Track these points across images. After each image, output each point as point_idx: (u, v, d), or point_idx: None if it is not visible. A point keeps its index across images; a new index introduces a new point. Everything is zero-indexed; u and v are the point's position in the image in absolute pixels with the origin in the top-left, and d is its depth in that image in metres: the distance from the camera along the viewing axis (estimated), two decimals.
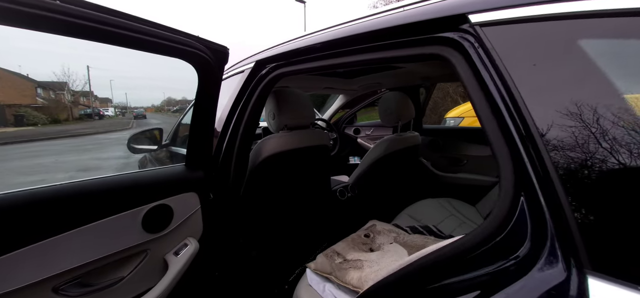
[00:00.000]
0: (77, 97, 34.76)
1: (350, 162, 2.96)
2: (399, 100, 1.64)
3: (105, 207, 0.71)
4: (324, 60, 0.82)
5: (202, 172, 0.94)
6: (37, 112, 21.99)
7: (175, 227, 0.86)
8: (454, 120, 3.34)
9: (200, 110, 0.85)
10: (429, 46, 0.57)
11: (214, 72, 0.80)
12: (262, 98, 1.05)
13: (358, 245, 1.12)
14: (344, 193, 1.64)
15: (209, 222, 0.97)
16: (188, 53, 0.71)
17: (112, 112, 46.59)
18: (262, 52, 1.11)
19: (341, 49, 0.75)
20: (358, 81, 1.98)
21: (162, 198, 0.82)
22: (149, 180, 0.81)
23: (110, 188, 0.73)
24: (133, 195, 0.76)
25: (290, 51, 0.95)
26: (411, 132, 1.78)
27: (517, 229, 0.40)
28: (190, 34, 0.72)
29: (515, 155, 0.41)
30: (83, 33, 0.55)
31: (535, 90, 0.39)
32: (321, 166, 1.47)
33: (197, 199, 0.92)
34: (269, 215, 1.31)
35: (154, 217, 0.80)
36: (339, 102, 2.66)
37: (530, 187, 0.39)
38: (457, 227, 1.52)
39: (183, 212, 0.87)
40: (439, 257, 0.48)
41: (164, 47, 0.67)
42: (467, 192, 1.83)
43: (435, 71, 1.45)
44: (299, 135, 1.26)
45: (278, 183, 1.28)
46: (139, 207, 0.77)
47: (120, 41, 0.61)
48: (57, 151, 9.22)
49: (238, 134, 1.05)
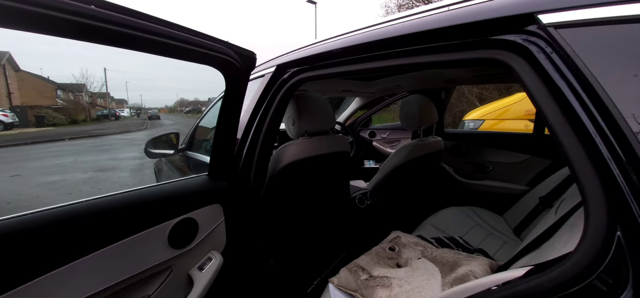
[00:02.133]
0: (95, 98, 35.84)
1: (365, 166, 2.89)
2: (421, 103, 1.57)
3: (131, 223, 0.67)
4: (354, 64, 0.76)
5: (226, 182, 0.90)
6: (57, 113, 22.77)
7: (200, 240, 0.82)
8: (473, 123, 3.21)
9: (226, 118, 0.81)
10: (482, 50, 0.50)
11: (242, 79, 0.76)
12: (283, 103, 1.01)
13: (383, 260, 1.06)
14: (363, 201, 1.58)
15: (232, 233, 0.93)
16: (217, 59, 0.67)
17: (128, 113, 47.86)
18: (284, 55, 1.07)
19: (376, 53, 0.69)
20: (377, 84, 1.91)
21: (187, 211, 0.78)
22: (174, 193, 0.77)
23: (136, 202, 0.69)
24: (159, 209, 0.72)
25: (315, 55, 0.90)
26: (434, 137, 1.70)
27: (613, 271, 0.33)
28: (219, 39, 0.68)
29: (606, 178, 0.34)
30: (110, 38, 0.51)
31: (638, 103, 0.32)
32: (341, 173, 1.41)
33: (221, 211, 0.88)
34: (287, 222, 1.26)
35: (180, 232, 0.76)
36: (355, 105, 2.60)
37: (630, 218, 0.32)
38: (485, 238, 1.43)
39: (208, 225, 0.83)
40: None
41: (192, 53, 0.62)
42: (492, 201, 1.74)
43: (462, 74, 1.37)
44: (319, 141, 1.21)
45: (297, 190, 1.23)
46: (166, 222, 0.73)
47: (147, 46, 0.57)
48: (76, 151, 9.48)
49: (259, 140, 1.01)
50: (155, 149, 1.62)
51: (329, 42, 0.88)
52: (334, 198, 1.43)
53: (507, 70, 0.48)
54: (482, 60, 0.51)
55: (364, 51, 0.73)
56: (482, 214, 1.63)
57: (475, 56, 0.51)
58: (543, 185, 1.49)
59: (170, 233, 0.73)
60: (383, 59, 0.68)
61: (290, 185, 1.19)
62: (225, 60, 0.67)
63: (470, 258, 1.01)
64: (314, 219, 1.36)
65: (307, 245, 1.36)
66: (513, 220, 1.57)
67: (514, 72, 0.46)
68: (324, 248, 1.44)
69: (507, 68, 0.48)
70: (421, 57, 0.60)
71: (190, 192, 0.79)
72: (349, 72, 0.78)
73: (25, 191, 4.77)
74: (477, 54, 0.51)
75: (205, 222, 0.82)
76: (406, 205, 1.74)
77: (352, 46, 0.76)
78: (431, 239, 1.31)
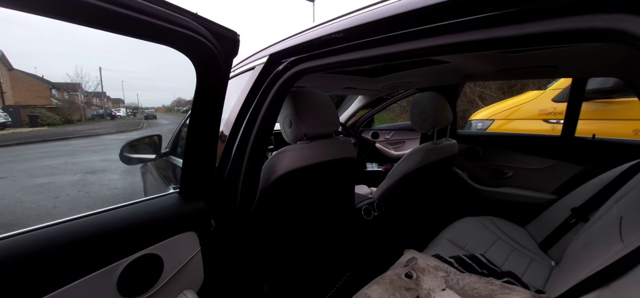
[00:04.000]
0: (90, 97, 35.37)
1: (367, 169, 2.70)
2: (435, 102, 1.39)
3: (58, 272, 0.48)
4: (368, 49, 0.57)
5: (203, 202, 0.71)
6: (51, 112, 22.42)
7: (165, 281, 0.62)
8: (482, 123, 3.03)
9: (200, 122, 0.62)
10: (587, 16, 0.32)
11: (219, 68, 0.56)
12: (277, 101, 0.82)
13: (399, 291, 0.87)
14: (370, 212, 1.39)
15: (210, 265, 0.73)
16: (180, 38, 0.47)
17: (124, 113, 47.29)
18: (277, 43, 0.88)
19: (406, 30, 0.50)
20: (383, 80, 1.72)
21: (146, 246, 0.58)
22: (128, 221, 0.58)
23: (67, 241, 0.49)
24: (103, 247, 0.53)
25: (315, 40, 0.71)
26: (448, 139, 1.52)
27: None
28: (186, 10, 0.48)
29: None
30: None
31: None
32: (346, 182, 1.23)
33: (196, 240, 0.69)
34: (283, 241, 1.08)
35: (135, 274, 0.57)
36: (357, 104, 2.41)
37: None
38: (509, 255, 1.25)
39: (177, 261, 0.64)
40: None
41: (143, 26, 0.43)
42: (512, 210, 1.56)
43: (484, 68, 1.19)
44: (321, 146, 1.03)
45: (295, 204, 1.04)
46: (113, 263, 0.54)
47: (75, 15, 0.38)
48: (69, 152, 9.24)
49: (247, 147, 0.82)
50: (133, 154, 1.42)
51: (332, 23, 0.69)
52: (337, 211, 1.24)
53: (622, 43, 0.30)
54: (582, 34, 0.32)
55: (385, 30, 0.54)
56: (503, 226, 1.45)
57: (572, 26, 0.33)
58: (574, 195, 1.31)
59: (121, 278, 0.54)
60: (411, 39, 0.50)
61: (286, 199, 1.00)
62: (193, 41, 0.47)
63: (507, 290, 0.83)
64: (314, 237, 1.17)
65: (306, 266, 1.18)
66: (538, 233, 1.39)
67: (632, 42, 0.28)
68: (325, 268, 1.26)
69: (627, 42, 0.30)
70: (473, 33, 0.41)
71: (152, 220, 0.60)
72: (361, 59, 0.60)
73: (9, 195, 4.55)
74: (575, 22, 0.33)
75: (174, 257, 0.62)
76: (418, 216, 1.56)
77: (366, 24, 0.57)
78: (451, 259, 1.13)
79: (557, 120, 2.53)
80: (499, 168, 1.71)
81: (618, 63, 1.07)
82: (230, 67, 0.59)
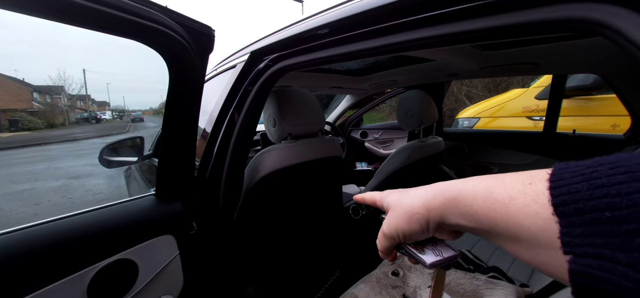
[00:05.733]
0: (74, 101, 34.38)
1: (356, 168, 2.70)
2: (421, 100, 1.39)
3: (19, 281, 0.45)
4: (351, 44, 0.56)
5: (180, 204, 0.68)
6: (33, 116, 21.69)
7: (141, 287, 0.60)
8: (468, 121, 3.08)
9: (174, 119, 0.60)
10: (555, 6, 0.31)
11: (193, 64, 0.55)
12: (259, 100, 0.80)
13: (386, 289, 0.87)
14: (358, 211, 1.39)
15: (191, 269, 0.71)
16: (148, 32, 0.45)
17: (110, 116, 46.10)
18: (259, 40, 0.86)
19: (385, 24, 0.49)
20: (370, 79, 1.72)
21: (120, 250, 0.56)
22: (99, 225, 0.55)
23: (30, 248, 0.46)
24: (70, 253, 0.50)
25: (297, 36, 0.70)
26: (434, 137, 1.53)
27: None
28: (153, 3, 0.46)
29: None
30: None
31: None
32: (333, 182, 1.22)
33: (173, 243, 0.66)
34: (269, 243, 1.06)
35: (108, 281, 0.54)
36: (345, 103, 2.41)
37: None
38: (495, 250, 1.26)
39: (153, 265, 0.62)
40: None
41: (104, 17, 0.40)
42: None
43: (469, 66, 1.20)
44: (306, 145, 1.01)
45: (280, 204, 1.03)
46: (83, 269, 0.51)
47: (30, 6, 0.36)
48: (51, 157, 8.95)
49: (229, 147, 0.80)
50: (113, 157, 1.37)
51: (315, 18, 0.68)
52: (325, 212, 1.23)
53: (596, 34, 0.30)
54: (553, 24, 0.32)
55: (367, 23, 0.53)
56: None
57: (541, 17, 0.32)
58: None
59: (92, 285, 0.51)
60: (396, 32, 0.49)
61: (271, 200, 0.99)
62: (162, 35, 0.45)
63: (491, 285, 0.84)
64: (301, 237, 1.16)
65: (293, 267, 1.16)
66: None
67: (615, 39, 0.28)
68: (313, 269, 1.24)
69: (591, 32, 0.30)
70: (451, 25, 0.41)
71: (126, 223, 0.57)
72: (344, 55, 0.59)
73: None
74: (545, 13, 0.32)
75: (150, 262, 0.60)
76: None
77: (348, 18, 0.56)
78: None
79: (540, 117, 2.59)
80: (484, 165, 1.74)
81: (596, 60, 1.10)
82: (205, 63, 0.57)
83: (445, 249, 0.32)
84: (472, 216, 0.25)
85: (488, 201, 0.23)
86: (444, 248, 0.32)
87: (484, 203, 0.24)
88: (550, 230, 0.19)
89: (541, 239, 0.20)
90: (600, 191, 0.18)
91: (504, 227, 0.22)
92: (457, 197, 0.26)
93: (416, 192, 0.30)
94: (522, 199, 0.21)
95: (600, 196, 0.17)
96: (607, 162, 0.19)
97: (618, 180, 0.17)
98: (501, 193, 0.23)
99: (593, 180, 0.18)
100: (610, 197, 0.17)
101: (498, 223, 0.22)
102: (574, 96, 2.41)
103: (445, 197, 0.27)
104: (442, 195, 0.27)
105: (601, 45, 0.93)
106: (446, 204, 0.27)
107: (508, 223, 0.22)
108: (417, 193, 0.30)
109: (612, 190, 0.17)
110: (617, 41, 0.28)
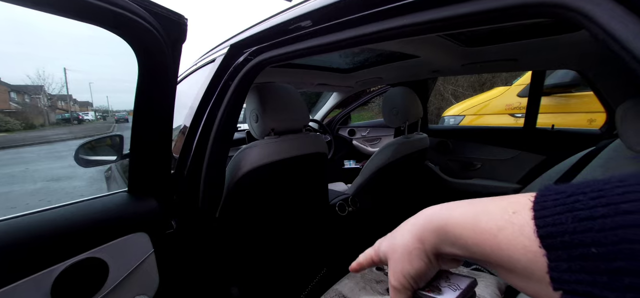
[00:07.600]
0: (54, 101, 33.16)
1: (345, 166, 2.71)
2: (406, 97, 1.40)
3: None
4: (333, 33, 0.55)
5: (155, 200, 0.66)
6: (10, 117, 20.78)
7: (113, 287, 0.57)
8: (454, 119, 3.13)
9: (144, 111, 0.57)
10: None
11: (163, 54, 0.52)
12: (239, 95, 0.78)
13: (370, 284, 0.86)
14: (344, 208, 1.38)
15: (168, 268, 0.69)
16: (112, 17, 0.43)
17: (93, 116, 44.64)
18: (239, 34, 0.84)
19: (370, 11, 0.48)
20: (356, 76, 1.73)
21: (87, 249, 0.53)
22: (65, 222, 0.52)
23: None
24: (32, 251, 0.47)
25: (276, 27, 0.69)
26: (419, 134, 1.54)
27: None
28: None
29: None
30: None
31: None
32: (317, 178, 1.21)
33: (148, 241, 0.64)
34: (253, 240, 1.04)
35: (74, 280, 0.51)
36: (332, 101, 2.41)
37: None
38: None
39: (125, 264, 0.59)
40: None
41: (70, 2, 0.38)
42: None
43: (451, 63, 1.21)
44: (289, 141, 1.00)
45: (264, 202, 1.01)
46: (46, 269, 0.48)
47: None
48: (29, 159, 8.60)
49: (208, 143, 0.78)
50: (90, 156, 1.31)
51: (294, 8, 0.67)
52: (310, 208, 1.22)
53: (571, 21, 0.30)
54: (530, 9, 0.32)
55: (346, 11, 0.52)
56: None
57: (520, 2, 0.32)
58: (536, 184, 1.37)
59: (57, 285, 0.48)
60: (378, 20, 0.48)
61: (254, 197, 0.97)
62: (128, 21, 0.43)
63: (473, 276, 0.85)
64: (286, 234, 1.15)
65: (278, 265, 1.15)
66: None
67: (587, 25, 0.28)
68: (299, 267, 1.23)
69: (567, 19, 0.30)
70: (441, 10, 0.40)
71: (94, 220, 0.54)
72: (324, 46, 0.58)
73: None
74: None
75: (122, 260, 0.57)
76: (391, 210, 1.57)
77: (327, 7, 0.55)
78: None
79: (521, 114, 2.66)
80: (468, 160, 1.77)
81: (573, 56, 1.13)
82: (178, 53, 0.55)
83: (459, 280, 0.29)
84: (464, 246, 0.24)
85: (477, 232, 0.23)
86: (458, 278, 0.30)
87: (473, 234, 0.23)
88: (540, 263, 0.18)
89: (533, 271, 0.19)
90: (584, 224, 0.17)
91: (496, 258, 0.21)
92: (445, 226, 0.25)
93: (404, 228, 0.29)
94: (510, 230, 0.20)
95: (584, 230, 0.17)
96: (589, 189, 0.18)
97: (601, 212, 0.17)
98: (488, 223, 0.22)
99: (576, 212, 0.18)
100: (594, 232, 0.16)
101: (489, 255, 0.22)
102: (554, 94, 2.48)
103: (434, 225, 0.26)
104: (431, 224, 0.27)
105: (578, 42, 0.96)
106: (437, 234, 0.26)
107: (500, 255, 0.21)
108: (405, 228, 0.29)
109: (596, 224, 0.17)
110: (592, 30, 0.28)
